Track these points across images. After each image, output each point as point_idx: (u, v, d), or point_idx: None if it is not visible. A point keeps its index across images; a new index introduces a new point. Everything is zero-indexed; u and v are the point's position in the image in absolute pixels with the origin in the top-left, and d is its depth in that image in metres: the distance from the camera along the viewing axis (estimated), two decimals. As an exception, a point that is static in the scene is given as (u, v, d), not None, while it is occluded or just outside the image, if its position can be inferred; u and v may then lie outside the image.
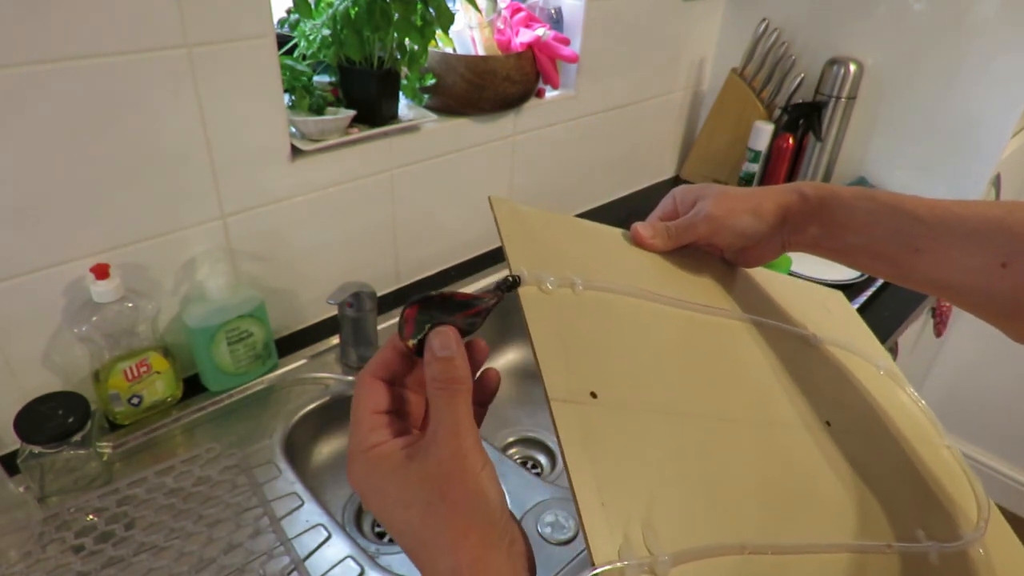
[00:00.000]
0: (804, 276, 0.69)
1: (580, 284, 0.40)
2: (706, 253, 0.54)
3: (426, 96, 0.98)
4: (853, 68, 1.25)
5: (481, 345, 0.36)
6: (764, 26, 1.32)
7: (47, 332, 0.70)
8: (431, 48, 0.95)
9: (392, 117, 0.91)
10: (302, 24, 0.85)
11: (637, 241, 0.50)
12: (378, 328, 0.88)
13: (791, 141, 1.33)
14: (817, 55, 1.31)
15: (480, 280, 1.09)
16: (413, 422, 0.36)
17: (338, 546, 0.64)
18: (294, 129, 0.84)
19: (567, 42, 1.10)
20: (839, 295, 0.68)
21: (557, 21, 1.14)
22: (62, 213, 0.67)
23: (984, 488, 0.52)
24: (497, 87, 0.99)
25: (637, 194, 1.46)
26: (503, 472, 0.76)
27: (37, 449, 0.63)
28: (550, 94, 1.14)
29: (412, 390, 0.36)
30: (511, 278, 0.37)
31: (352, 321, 0.84)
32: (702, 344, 0.45)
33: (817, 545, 0.38)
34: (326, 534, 0.65)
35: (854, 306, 0.82)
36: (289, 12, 0.88)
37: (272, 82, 0.77)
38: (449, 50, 1.01)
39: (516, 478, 0.75)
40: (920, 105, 1.24)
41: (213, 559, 0.61)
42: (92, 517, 0.64)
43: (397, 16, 0.83)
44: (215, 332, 0.77)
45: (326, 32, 0.84)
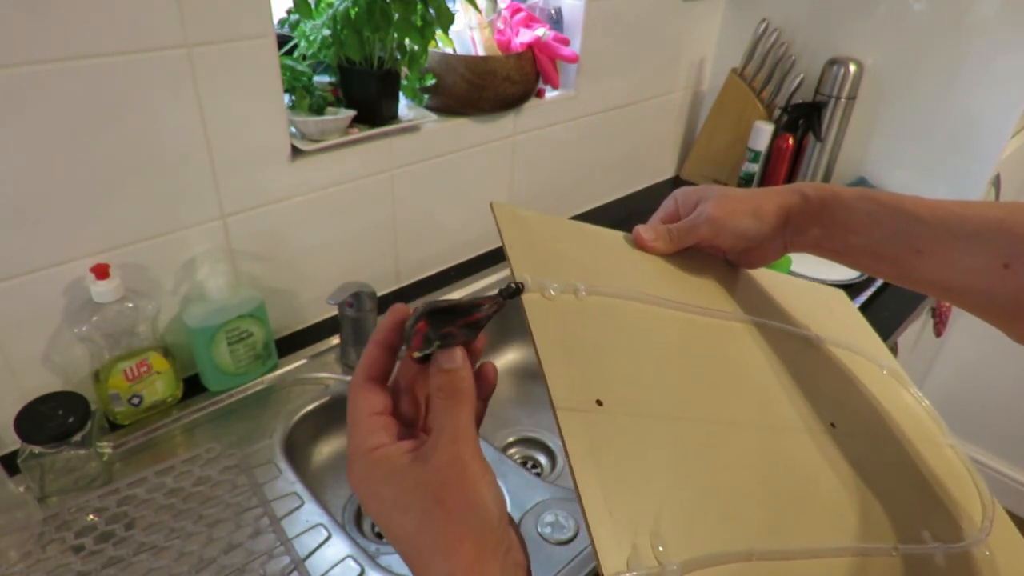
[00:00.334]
0: (804, 276, 0.69)
1: (583, 290, 0.40)
2: (708, 255, 0.54)
3: (426, 96, 0.98)
4: (853, 68, 1.25)
5: (477, 347, 0.36)
6: (764, 26, 1.32)
7: (47, 332, 0.70)
8: (431, 48, 0.95)
9: (392, 117, 0.91)
10: (302, 24, 0.85)
11: (639, 244, 0.50)
12: (378, 328, 0.88)
13: (791, 141, 1.33)
14: (817, 55, 1.31)
15: (480, 280, 1.09)
16: (410, 421, 0.36)
17: (338, 546, 0.64)
18: (294, 129, 0.84)
19: (567, 42, 1.10)
20: (841, 294, 0.68)
21: (557, 21, 1.14)
22: (62, 213, 0.67)
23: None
24: (497, 87, 0.99)
25: (637, 194, 1.46)
26: (503, 472, 0.76)
27: (37, 449, 0.63)
28: (550, 94, 1.14)
29: (404, 387, 0.36)
30: (514, 285, 0.37)
31: (352, 321, 0.84)
32: (705, 348, 0.45)
33: (823, 549, 0.38)
34: (326, 534, 0.65)
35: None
36: (289, 12, 0.88)
37: (272, 82, 0.77)
38: (449, 50, 1.01)
39: (516, 478, 0.75)
40: (920, 105, 1.24)
41: (213, 559, 0.61)
42: (92, 517, 0.64)
43: (397, 16, 0.83)
44: (215, 332, 0.77)
45: (326, 32, 0.84)
